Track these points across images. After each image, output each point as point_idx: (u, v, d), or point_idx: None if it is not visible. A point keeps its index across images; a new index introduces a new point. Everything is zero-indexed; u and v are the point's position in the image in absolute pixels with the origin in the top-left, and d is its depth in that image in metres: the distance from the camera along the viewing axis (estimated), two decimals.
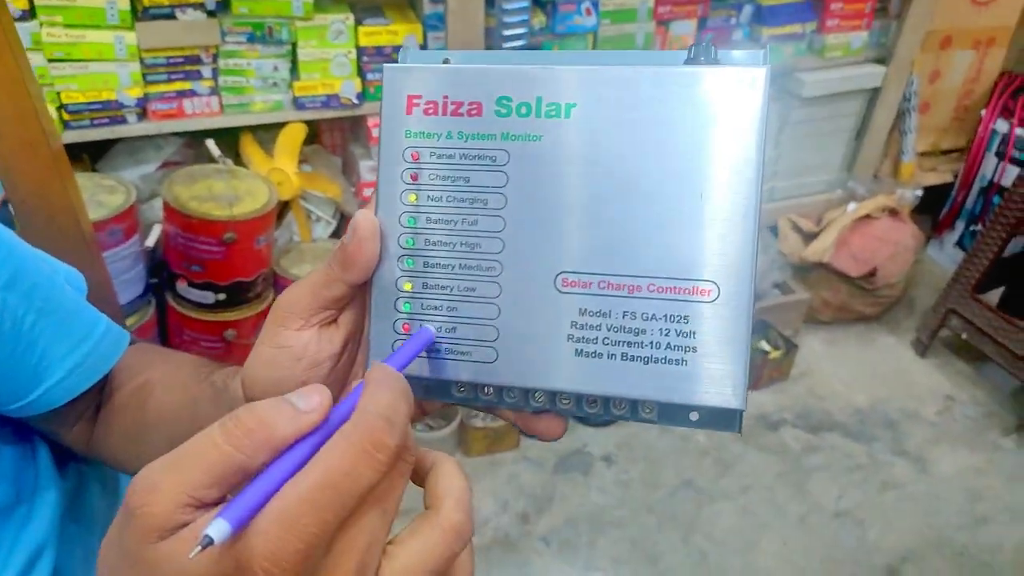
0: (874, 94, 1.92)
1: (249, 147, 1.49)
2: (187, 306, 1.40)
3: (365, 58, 1.48)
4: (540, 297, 0.32)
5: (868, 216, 1.84)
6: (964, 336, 1.76)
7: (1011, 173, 1.89)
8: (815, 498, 1.54)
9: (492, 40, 1.52)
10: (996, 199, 1.95)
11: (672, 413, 0.32)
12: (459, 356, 0.33)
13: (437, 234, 0.33)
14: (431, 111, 0.33)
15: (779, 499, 1.53)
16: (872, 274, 1.80)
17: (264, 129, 1.53)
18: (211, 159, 1.45)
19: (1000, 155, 1.95)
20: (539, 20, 1.55)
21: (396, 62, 0.34)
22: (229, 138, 1.51)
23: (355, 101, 1.49)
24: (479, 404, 0.34)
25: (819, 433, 1.67)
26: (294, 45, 1.44)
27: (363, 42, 1.46)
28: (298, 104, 1.47)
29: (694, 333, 0.31)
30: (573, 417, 0.34)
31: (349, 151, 1.67)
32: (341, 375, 0.36)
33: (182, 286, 1.38)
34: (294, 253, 1.51)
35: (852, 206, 1.86)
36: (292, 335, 0.34)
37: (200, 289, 1.37)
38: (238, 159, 1.51)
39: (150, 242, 1.39)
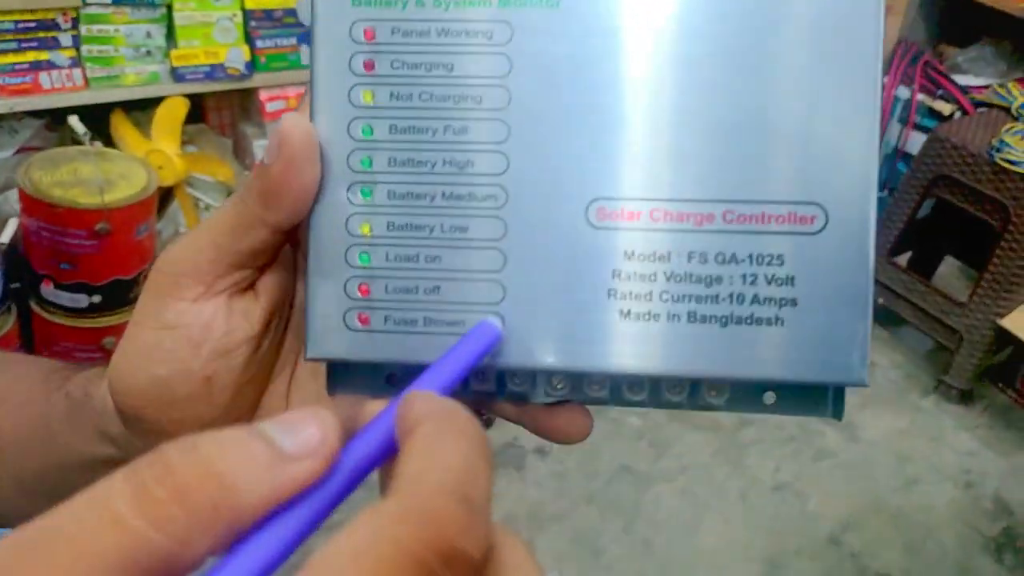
0: None
1: (122, 126, 1.31)
2: (56, 312, 1.21)
3: (253, 23, 1.33)
4: (565, 237, 0.22)
5: None
6: (880, 300, 1.78)
7: (915, 139, 1.92)
8: (753, 473, 1.52)
9: None
10: (901, 165, 1.99)
11: (748, 395, 0.23)
12: (446, 328, 0.23)
13: (407, 149, 0.23)
14: None
15: (718, 477, 1.49)
16: None
17: (139, 106, 1.36)
18: (76, 140, 1.26)
19: (903, 121, 1.99)
20: None
21: None
22: (98, 117, 1.32)
23: (244, 71, 1.34)
24: (465, 397, 0.23)
25: None
26: (169, 7, 1.27)
27: (250, 4, 1.31)
28: (177, 76, 1.31)
29: (792, 279, 0.22)
30: (599, 405, 0.24)
31: (239, 130, 1.51)
32: (262, 370, 0.25)
33: (48, 288, 1.19)
34: None
35: None
36: (186, 309, 0.23)
37: (71, 291, 1.19)
38: (110, 142, 1.32)
39: (5, 238, 1.20)
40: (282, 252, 0.25)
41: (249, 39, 1.34)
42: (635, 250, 0.22)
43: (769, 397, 0.23)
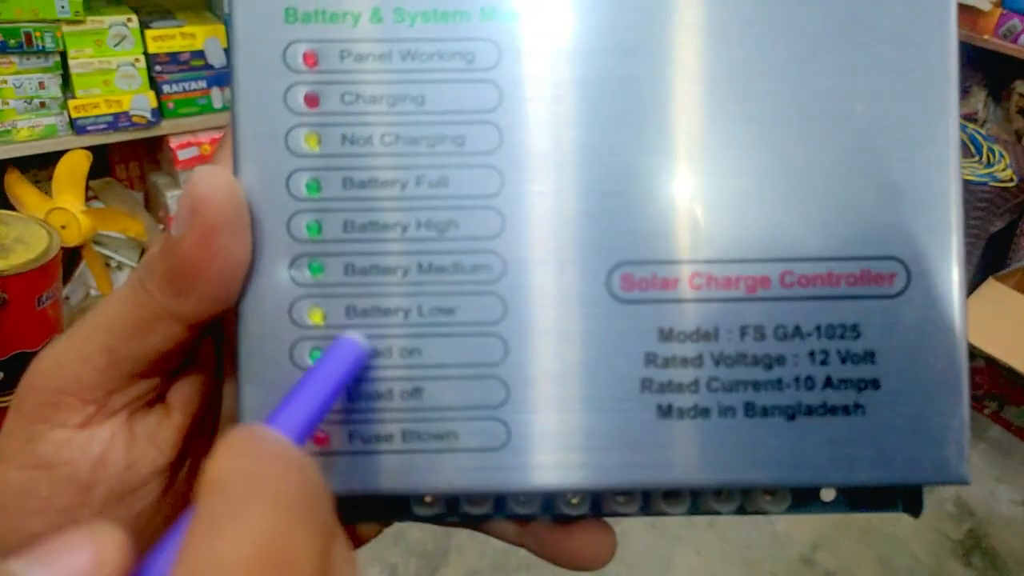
0: None
1: (17, 185, 1.20)
2: None
3: (158, 67, 1.25)
4: (583, 315, 0.17)
5: None
6: None
7: None
8: None
9: None
10: None
11: (810, 497, 0.19)
12: (431, 444, 0.17)
13: (368, 209, 0.17)
14: None
15: None
16: None
17: (36, 162, 1.25)
18: None
19: None
20: None
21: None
22: None
23: (151, 119, 1.25)
24: (463, 522, 0.19)
25: None
26: (63, 55, 1.17)
27: (153, 48, 1.22)
28: (77, 127, 1.21)
29: (872, 355, 0.18)
30: (622, 517, 0.19)
31: (150, 181, 1.41)
32: (179, 507, 0.19)
33: None
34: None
35: None
36: (69, 439, 0.17)
37: None
38: (6, 203, 1.21)
39: None
40: (198, 349, 0.19)
41: (155, 85, 1.25)
42: (674, 327, 0.18)
43: (828, 494, 0.19)
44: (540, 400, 0.17)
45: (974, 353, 1.61)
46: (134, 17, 1.20)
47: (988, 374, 1.67)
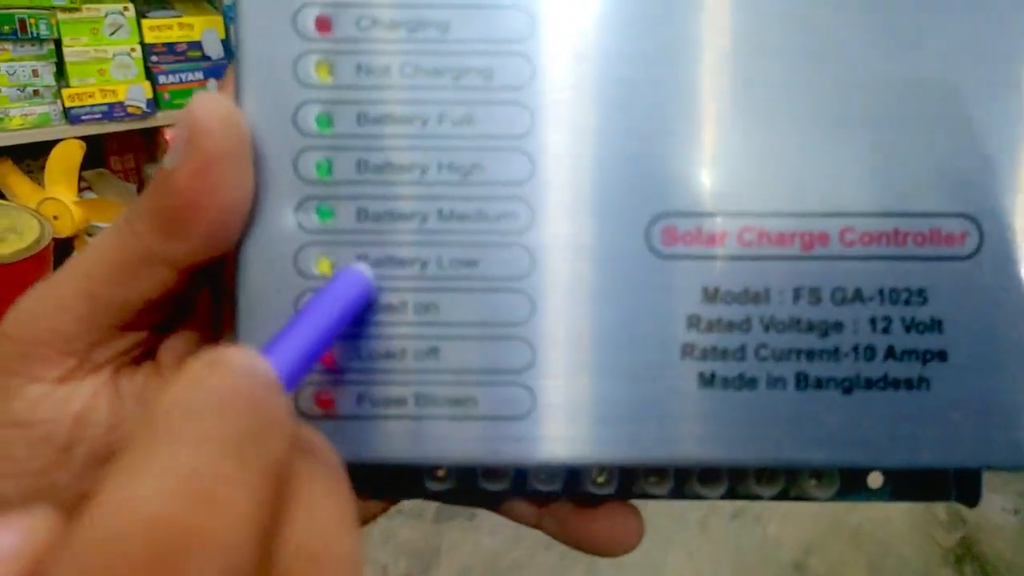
0: None
1: (10, 175, 1.19)
2: None
3: (154, 58, 1.23)
4: (619, 271, 0.16)
5: None
6: None
7: None
8: (710, 501, 1.48)
9: None
10: None
11: (858, 483, 0.18)
12: (447, 410, 0.16)
13: (384, 147, 0.16)
14: None
15: (677, 508, 1.45)
16: None
17: (29, 152, 1.24)
18: None
19: None
20: None
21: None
22: None
23: (146, 109, 1.23)
24: (478, 501, 0.18)
25: None
26: (58, 43, 1.16)
27: (149, 38, 1.21)
28: (71, 117, 1.19)
29: (939, 323, 0.16)
30: (651, 499, 0.18)
31: (145, 173, 1.40)
32: None
33: None
34: None
35: None
36: (46, 394, 0.15)
37: None
38: None
39: None
40: (192, 297, 0.17)
41: (150, 75, 1.24)
42: (720, 287, 0.16)
43: (875, 480, 0.18)
44: (569, 365, 0.16)
45: None
46: (131, 6, 1.19)
47: None
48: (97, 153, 1.35)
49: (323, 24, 0.16)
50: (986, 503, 1.53)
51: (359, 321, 0.16)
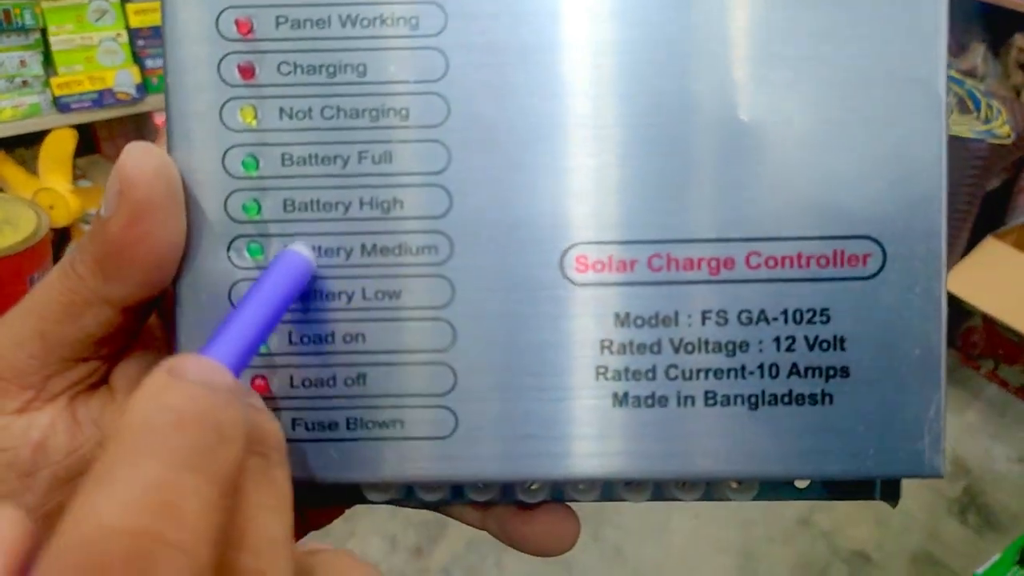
0: None
1: (3, 166, 1.19)
2: None
3: (140, 42, 1.23)
4: (534, 299, 0.17)
5: None
6: None
7: None
8: None
9: None
10: None
11: (779, 484, 0.18)
12: (376, 432, 0.17)
13: (308, 187, 0.17)
14: None
15: None
16: None
17: (21, 142, 1.24)
18: None
19: None
20: None
21: None
22: None
23: (135, 95, 1.23)
24: (414, 506, 0.18)
25: None
26: (44, 32, 1.15)
27: (135, 23, 1.21)
28: (61, 105, 1.20)
29: (842, 340, 0.17)
30: (582, 502, 0.19)
31: None
32: None
33: None
34: None
35: None
36: (8, 424, 0.16)
37: None
38: None
39: None
40: (147, 326, 0.18)
41: (138, 59, 1.24)
42: (631, 312, 0.17)
43: (802, 481, 0.18)
44: (489, 388, 0.17)
45: (971, 311, 1.61)
46: None
47: (985, 333, 1.67)
48: (89, 140, 1.35)
49: (246, 70, 0.16)
50: (990, 453, 1.54)
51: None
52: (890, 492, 0.18)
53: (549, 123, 0.16)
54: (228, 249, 0.17)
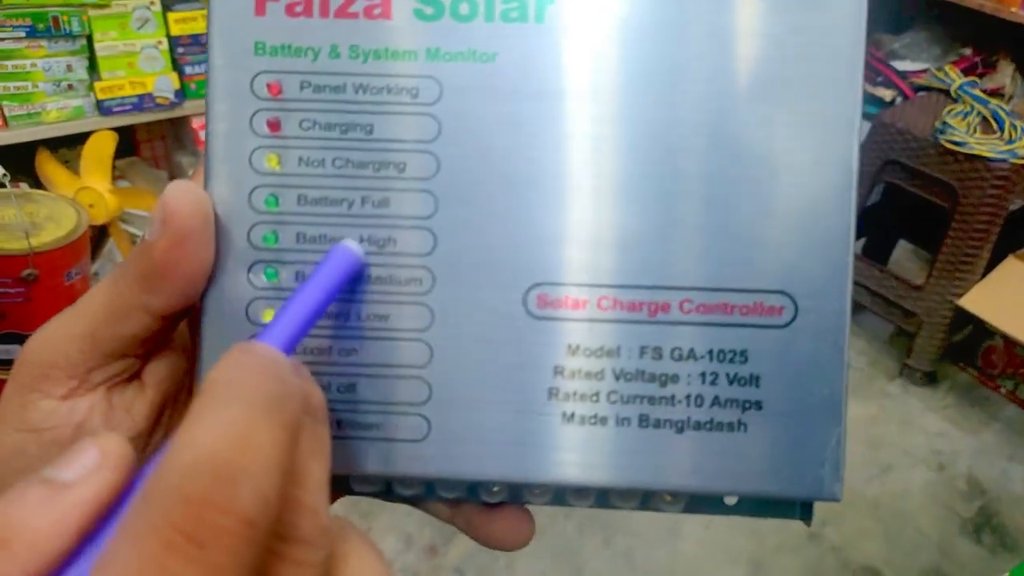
0: None
1: (48, 165, 1.25)
2: None
3: (180, 49, 1.28)
4: (500, 328, 0.20)
5: None
6: None
7: (861, 127, 1.94)
8: None
9: None
10: None
11: (707, 501, 0.21)
12: (362, 432, 0.20)
13: (319, 224, 0.20)
14: (301, 8, 0.20)
15: None
16: None
17: (65, 143, 1.29)
18: None
19: None
20: None
21: None
22: (22, 157, 1.25)
23: (174, 99, 1.28)
24: (394, 500, 0.21)
25: None
26: (89, 38, 1.21)
27: (175, 31, 1.26)
28: (103, 108, 1.25)
29: (757, 378, 0.20)
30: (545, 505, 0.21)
31: (174, 161, 1.45)
32: None
33: None
34: None
35: None
36: (55, 407, 0.19)
37: (2, 343, 1.11)
38: (38, 183, 1.26)
39: None
40: (176, 333, 0.21)
41: (177, 66, 1.29)
42: (580, 344, 0.20)
43: (731, 499, 0.21)
44: (459, 400, 0.20)
45: (991, 331, 1.60)
46: (157, 0, 1.23)
47: (1005, 353, 1.66)
48: (128, 142, 1.41)
49: (274, 125, 0.20)
50: (1007, 473, 1.53)
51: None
52: (806, 512, 0.21)
53: (522, 182, 0.19)
54: (248, 271, 0.20)
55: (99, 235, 1.30)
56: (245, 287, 0.20)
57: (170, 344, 0.21)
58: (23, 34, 1.16)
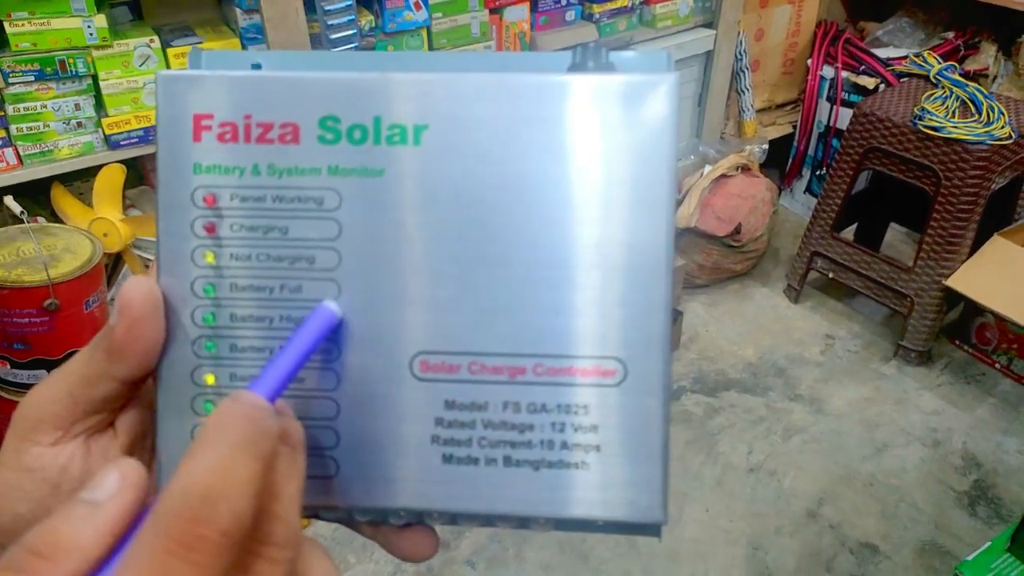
0: (708, 58, 1.96)
1: (62, 199, 1.31)
2: (18, 392, 1.20)
3: None
4: (392, 387, 0.24)
5: (723, 176, 1.87)
6: (831, 275, 1.83)
7: (844, 115, 1.97)
8: (727, 458, 1.54)
9: (319, 47, 1.42)
10: (835, 142, 2.04)
11: (572, 523, 0.25)
12: None
13: (247, 306, 0.25)
14: (228, 136, 0.24)
15: (693, 466, 1.52)
16: (737, 231, 1.83)
17: (78, 177, 1.36)
18: (15, 218, 1.26)
19: (831, 100, 2.04)
20: (367, 20, 1.46)
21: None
22: (39, 192, 1.32)
23: None
24: (323, 519, 0.26)
25: (717, 394, 1.68)
26: (95, 77, 1.27)
27: (175, 65, 1.32)
28: (112, 143, 1.31)
29: (596, 427, 0.24)
30: (443, 525, 0.26)
31: None
32: None
33: (5, 369, 1.19)
34: None
35: (707, 168, 1.89)
36: (44, 453, 0.24)
37: (30, 369, 1.18)
38: (55, 216, 1.33)
39: None
40: (142, 389, 0.26)
41: None
42: (456, 399, 0.24)
43: (599, 522, 0.25)
44: (362, 445, 0.24)
45: (982, 309, 1.63)
46: (156, 38, 1.29)
47: (998, 330, 1.69)
48: (137, 173, 1.47)
49: (210, 228, 0.24)
50: (1002, 446, 1.56)
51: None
52: (654, 531, 0.25)
53: (406, 269, 0.24)
54: (192, 345, 0.24)
55: (114, 262, 1.36)
56: (190, 357, 0.25)
57: (137, 398, 0.26)
58: (32, 78, 1.23)
